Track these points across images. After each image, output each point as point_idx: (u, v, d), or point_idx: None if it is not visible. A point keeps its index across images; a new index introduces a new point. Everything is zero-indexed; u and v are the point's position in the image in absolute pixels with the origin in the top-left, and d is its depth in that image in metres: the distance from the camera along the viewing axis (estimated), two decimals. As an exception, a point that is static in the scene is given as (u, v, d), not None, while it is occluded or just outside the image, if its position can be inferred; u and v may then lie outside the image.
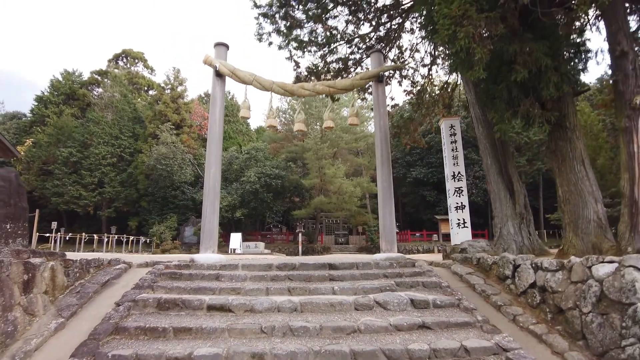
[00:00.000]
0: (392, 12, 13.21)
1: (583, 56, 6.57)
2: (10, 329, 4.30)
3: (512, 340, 4.62)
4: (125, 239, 26.11)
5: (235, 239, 20.16)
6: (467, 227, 10.10)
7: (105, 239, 24.89)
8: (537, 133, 26.51)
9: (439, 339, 4.61)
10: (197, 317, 5.11)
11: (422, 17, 8.37)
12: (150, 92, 43.01)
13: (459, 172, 10.56)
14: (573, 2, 4.72)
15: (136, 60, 44.78)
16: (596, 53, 6.75)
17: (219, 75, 8.80)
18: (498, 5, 5.10)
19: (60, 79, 39.04)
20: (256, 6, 11.64)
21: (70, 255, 6.56)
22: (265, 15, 11.72)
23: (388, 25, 13.81)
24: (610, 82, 6.15)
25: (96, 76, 40.36)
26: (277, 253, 21.93)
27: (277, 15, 11.69)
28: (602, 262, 4.58)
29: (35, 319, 4.78)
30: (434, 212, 31.97)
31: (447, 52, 9.35)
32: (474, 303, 5.72)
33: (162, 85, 36.49)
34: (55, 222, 24.84)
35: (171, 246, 25.79)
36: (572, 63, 5.90)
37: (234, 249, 19.65)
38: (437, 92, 14.09)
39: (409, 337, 4.68)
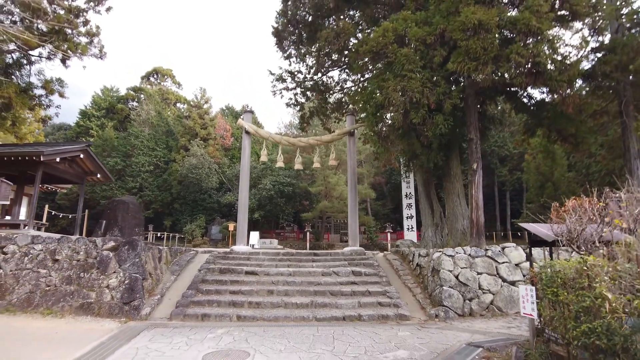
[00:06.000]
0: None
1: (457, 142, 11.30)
2: (157, 278, 9.33)
3: (394, 289, 9.38)
4: (161, 236, 31.55)
5: (254, 236, 25.04)
6: (413, 231, 14.81)
7: (149, 236, 30.34)
8: (517, 147, 30.69)
9: (359, 287, 9.43)
10: (240, 276, 10.05)
11: None
12: (179, 105, 48.83)
13: (410, 192, 15.25)
14: (425, 129, 9.35)
15: (165, 77, 50.68)
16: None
17: (247, 132, 13.73)
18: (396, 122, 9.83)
19: (100, 94, 45.19)
20: (271, 74, 16.57)
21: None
22: (277, 79, 16.62)
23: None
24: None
25: (132, 92, 46.41)
26: (288, 249, 26.82)
27: (287, 80, 16.57)
28: (437, 251, 9.33)
29: (163, 275, 9.83)
30: (425, 215, 36.22)
31: None
32: (388, 274, 10.50)
33: (191, 103, 42.02)
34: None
35: (201, 242, 31.06)
36: (442, 149, 10.53)
37: (253, 245, 24.53)
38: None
39: (345, 286, 9.50)
